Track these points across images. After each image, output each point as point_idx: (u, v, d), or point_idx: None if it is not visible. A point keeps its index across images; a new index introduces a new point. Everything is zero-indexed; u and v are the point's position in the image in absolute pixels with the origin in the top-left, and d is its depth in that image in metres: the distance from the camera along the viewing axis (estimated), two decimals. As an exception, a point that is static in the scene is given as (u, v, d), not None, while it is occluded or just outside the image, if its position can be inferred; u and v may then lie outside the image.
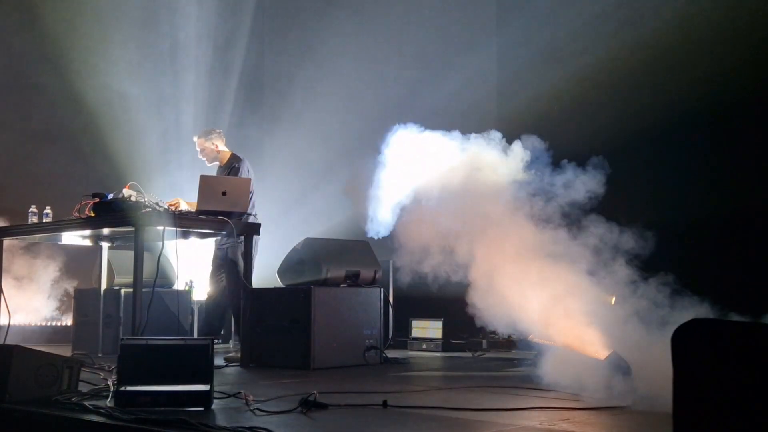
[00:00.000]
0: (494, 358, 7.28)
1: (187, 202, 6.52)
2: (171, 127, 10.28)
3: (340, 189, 6.65)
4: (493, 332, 6.87)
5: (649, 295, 4.71)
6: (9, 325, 6.52)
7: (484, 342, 7.69)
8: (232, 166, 7.25)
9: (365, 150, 6.07)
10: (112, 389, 4.04)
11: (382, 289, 6.75)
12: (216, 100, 10.71)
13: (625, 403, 4.11)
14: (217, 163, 7.40)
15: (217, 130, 7.50)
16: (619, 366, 4.46)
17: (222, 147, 7.40)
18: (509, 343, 7.70)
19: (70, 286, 8.81)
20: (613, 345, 4.71)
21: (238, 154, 7.36)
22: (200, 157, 7.42)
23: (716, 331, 2.33)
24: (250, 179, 6.81)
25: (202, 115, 10.41)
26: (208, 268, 7.43)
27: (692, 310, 4.41)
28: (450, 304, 5.94)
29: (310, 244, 6.55)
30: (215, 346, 4.19)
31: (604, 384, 4.41)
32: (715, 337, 2.30)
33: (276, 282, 6.75)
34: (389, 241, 5.72)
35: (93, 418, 3.68)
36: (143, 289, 5.68)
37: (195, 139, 7.50)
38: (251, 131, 11.05)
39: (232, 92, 10.91)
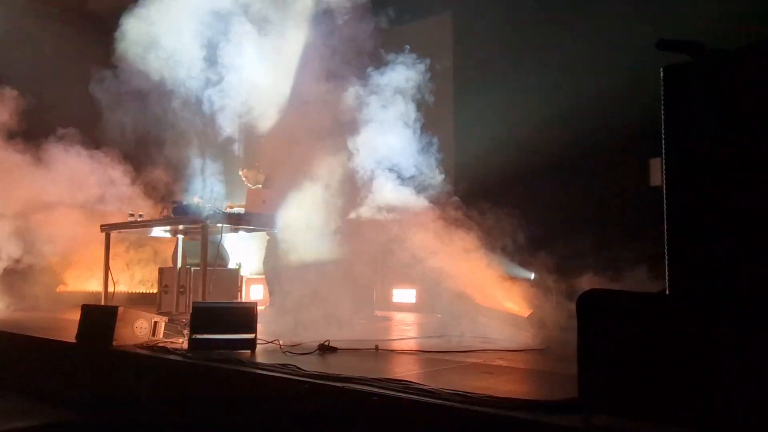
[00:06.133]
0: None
1: (237, 205, 6.51)
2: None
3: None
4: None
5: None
6: (114, 292, 6.50)
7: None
8: (269, 184, 7.15)
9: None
10: (186, 337, 4.03)
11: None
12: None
13: (542, 346, 4.16)
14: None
15: (259, 172, 6.90)
16: (538, 321, 4.49)
17: (260, 177, 6.92)
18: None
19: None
20: (532, 306, 4.76)
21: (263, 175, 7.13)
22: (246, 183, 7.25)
23: (608, 297, 2.34)
24: (279, 192, 6.73)
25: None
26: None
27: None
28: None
29: None
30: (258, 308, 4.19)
31: (529, 333, 4.46)
32: (606, 302, 2.32)
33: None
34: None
35: (173, 357, 3.70)
36: (207, 268, 5.67)
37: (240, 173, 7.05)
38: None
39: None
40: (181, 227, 6.44)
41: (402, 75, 5.39)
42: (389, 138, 5.35)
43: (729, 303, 2.12)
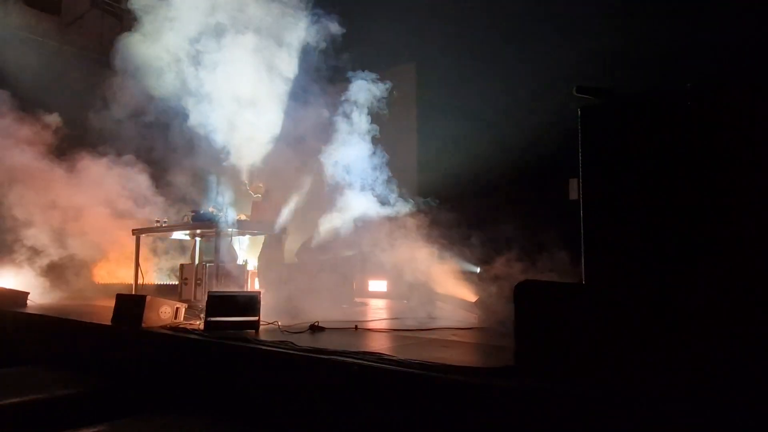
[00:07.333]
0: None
1: (245, 215, 6.47)
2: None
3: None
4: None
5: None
6: (143, 283, 6.42)
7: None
8: (268, 196, 7.09)
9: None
10: (202, 320, 4.00)
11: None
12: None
13: (486, 325, 4.18)
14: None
15: (261, 185, 6.77)
16: (484, 305, 4.53)
17: (261, 188, 6.83)
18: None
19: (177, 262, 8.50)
20: (478, 294, 4.79)
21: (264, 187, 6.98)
22: (251, 192, 7.18)
23: (539, 287, 2.40)
24: (278, 203, 6.71)
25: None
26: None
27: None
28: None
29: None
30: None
31: (476, 315, 4.49)
32: (537, 290, 2.38)
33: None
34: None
35: (192, 336, 3.66)
36: (219, 264, 5.64)
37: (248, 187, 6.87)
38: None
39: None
40: (198, 231, 6.39)
41: (365, 95, 5.43)
42: (356, 153, 5.37)
43: (627, 291, 2.20)
